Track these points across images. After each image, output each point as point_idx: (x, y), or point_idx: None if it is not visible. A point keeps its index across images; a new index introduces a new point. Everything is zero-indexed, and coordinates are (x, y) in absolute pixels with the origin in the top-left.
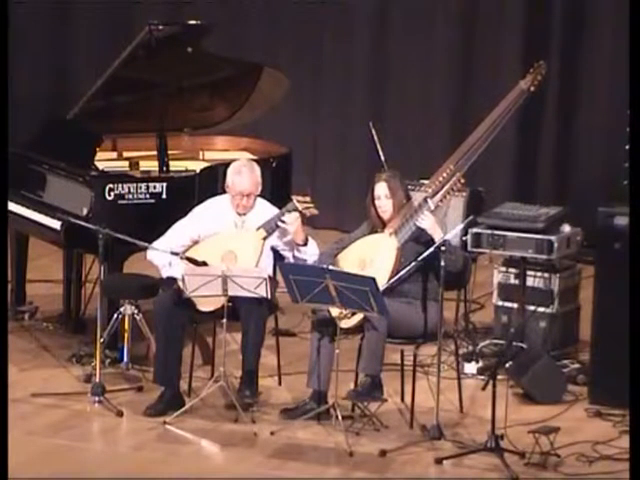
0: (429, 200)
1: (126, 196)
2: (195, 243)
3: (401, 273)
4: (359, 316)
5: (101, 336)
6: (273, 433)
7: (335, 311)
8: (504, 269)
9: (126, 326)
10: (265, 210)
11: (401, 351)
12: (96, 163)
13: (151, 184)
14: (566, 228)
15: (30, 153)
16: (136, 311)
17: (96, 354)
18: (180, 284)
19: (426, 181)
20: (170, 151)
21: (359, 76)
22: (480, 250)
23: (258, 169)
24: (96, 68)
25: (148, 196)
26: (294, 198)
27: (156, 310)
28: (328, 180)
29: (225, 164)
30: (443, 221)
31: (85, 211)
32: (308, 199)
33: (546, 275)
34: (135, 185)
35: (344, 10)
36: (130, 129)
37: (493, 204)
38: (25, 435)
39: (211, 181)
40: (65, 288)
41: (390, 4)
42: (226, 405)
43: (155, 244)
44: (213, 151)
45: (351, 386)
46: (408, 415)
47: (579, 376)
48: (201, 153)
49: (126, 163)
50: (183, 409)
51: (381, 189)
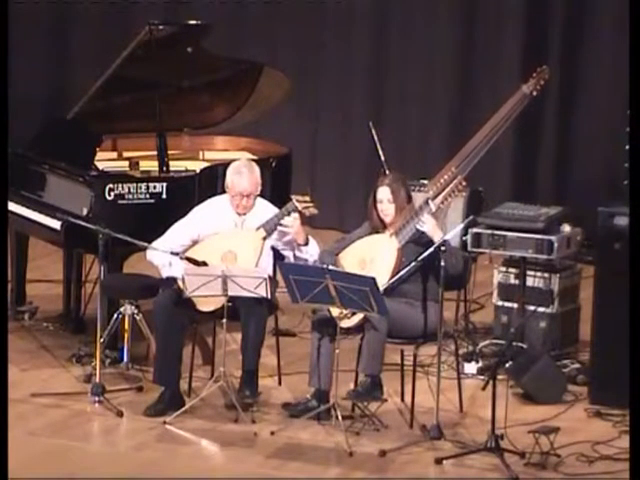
0: (430, 202)
1: (126, 196)
2: (195, 243)
3: (401, 273)
4: (359, 316)
5: (101, 336)
6: (273, 433)
7: (335, 311)
8: (504, 269)
9: (126, 326)
10: (265, 210)
11: (401, 351)
12: (96, 163)
13: (151, 184)
14: (566, 228)
15: (30, 153)
16: (136, 311)
17: (96, 354)
18: (180, 284)
19: (426, 181)
20: (170, 151)
21: (359, 76)
22: (480, 250)
23: (258, 169)
24: (96, 68)
25: (148, 196)
26: (294, 198)
27: (156, 310)
28: (328, 180)
29: (225, 164)
30: (443, 221)
31: (85, 211)
32: (308, 199)
33: (546, 275)
34: (135, 185)
35: (344, 10)
36: (130, 129)
37: (493, 204)
38: (25, 435)
39: (211, 181)
40: (65, 288)
41: (390, 4)
42: (226, 405)
43: (155, 244)
44: (213, 151)
45: (351, 386)
46: (408, 415)
47: (579, 376)
48: (201, 153)
49: (126, 163)
50: (183, 409)
51: (384, 193)
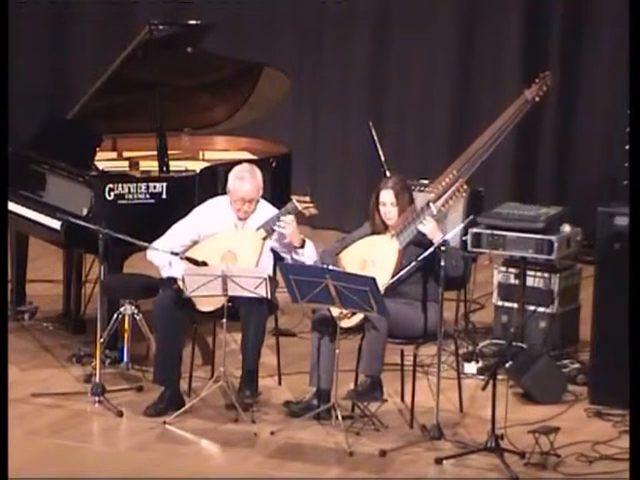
0: (432, 205)
1: (126, 196)
2: (195, 243)
3: (401, 273)
4: (359, 316)
5: (101, 336)
6: (273, 433)
7: (335, 311)
8: (504, 269)
9: (126, 326)
10: (266, 211)
11: (401, 351)
12: (96, 163)
13: (151, 184)
14: (566, 228)
15: (30, 153)
16: (136, 311)
17: (96, 354)
18: (180, 284)
19: (426, 181)
20: (170, 151)
21: (359, 76)
22: (480, 250)
23: (260, 175)
24: (96, 68)
25: (148, 196)
26: (294, 198)
27: (156, 310)
28: (328, 180)
29: (225, 164)
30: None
31: (85, 211)
32: (308, 199)
33: (546, 275)
34: (135, 185)
35: (344, 10)
36: (130, 129)
37: (493, 204)
38: (25, 435)
39: (211, 181)
40: (65, 288)
41: (390, 4)
42: (226, 405)
43: (155, 244)
44: (213, 151)
45: (351, 386)
46: (408, 415)
47: (579, 376)
48: (201, 153)
49: (126, 163)
50: (183, 409)
51: (388, 196)
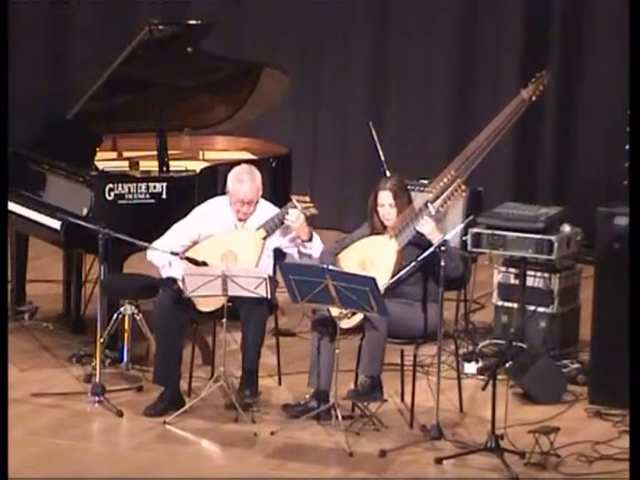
0: (430, 205)
1: (126, 196)
2: (195, 243)
3: (401, 273)
4: (359, 316)
5: (101, 336)
6: (273, 433)
7: (335, 311)
8: (504, 269)
9: (126, 326)
10: (265, 210)
11: (401, 351)
12: (96, 163)
13: (151, 184)
14: (566, 228)
15: (30, 153)
16: (136, 311)
17: (96, 354)
18: (180, 284)
19: (426, 181)
20: (170, 151)
21: (359, 77)
22: (480, 250)
23: (259, 175)
24: (96, 68)
25: (148, 196)
26: (294, 198)
27: (156, 310)
28: (328, 180)
29: (225, 164)
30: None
31: (85, 211)
32: (307, 199)
33: (546, 275)
34: (135, 185)
35: (344, 10)
36: (130, 129)
37: (493, 204)
38: (25, 435)
39: (211, 181)
40: (65, 288)
41: (390, 5)
42: (226, 405)
43: (155, 244)
44: (213, 151)
45: (351, 386)
46: (408, 415)
47: (579, 376)
48: (201, 153)
49: (126, 163)
50: (183, 409)
51: (386, 198)
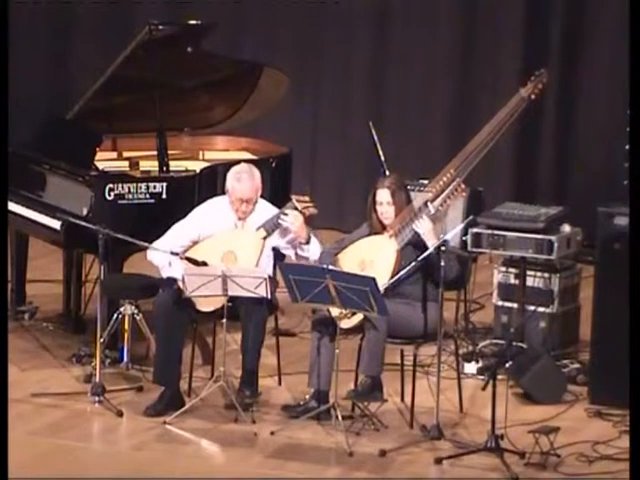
0: (429, 204)
1: (126, 196)
2: (195, 243)
3: (401, 273)
4: (359, 316)
5: (101, 336)
6: (273, 433)
7: (335, 311)
8: (504, 269)
9: (126, 326)
10: (265, 210)
11: (401, 351)
12: (96, 163)
13: (151, 184)
14: (566, 228)
15: (30, 153)
16: (136, 311)
17: (96, 354)
18: (180, 284)
19: (426, 181)
20: (170, 151)
21: (359, 76)
22: (480, 250)
23: (258, 175)
24: (96, 68)
25: (148, 196)
26: (294, 198)
27: (156, 310)
28: (328, 180)
29: (225, 164)
30: (443, 221)
31: (85, 211)
32: (307, 199)
33: (546, 275)
34: (135, 185)
35: (344, 10)
36: (130, 129)
37: (493, 204)
38: (25, 435)
39: (211, 181)
40: (65, 288)
41: (390, 4)
42: (226, 405)
43: (155, 244)
44: (213, 151)
45: (351, 386)
46: (408, 415)
47: (579, 376)
48: (201, 153)
49: (126, 163)
50: (183, 409)
51: (384, 196)
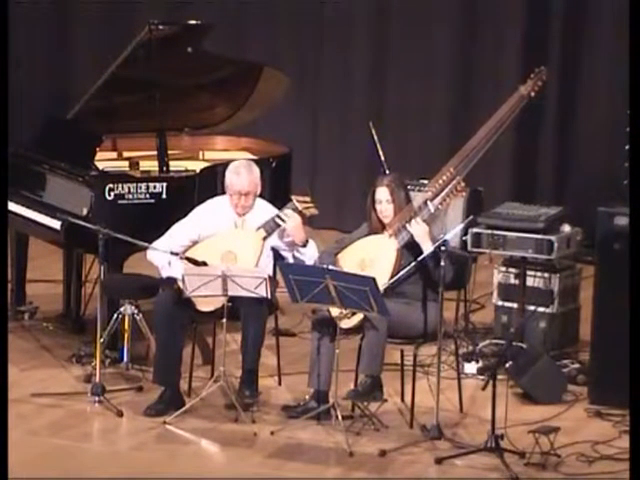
0: (429, 203)
1: (126, 196)
2: (195, 243)
3: (400, 273)
4: (359, 316)
5: (101, 336)
6: (273, 433)
7: (335, 311)
8: (504, 269)
9: (126, 326)
10: (265, 210)
11: (401, 351)
12: (96, 163)
13: (151, 184)
14: (566, 228)
15: (30, 153)
16: (136, 311)
17: (96, 354)
18: (180, 284)
19: (426, 181)
20: (170, 151)
21: (359, 76)
22: (480, 250)
23: (257, 169)
24: (96, 68)
25: (148, 196)
26: (294, 198)
27: (156, 310)
28: (328, 180)
29: (225, 164)
30: (443, 221)
31: (85, 211)
32: (308, 199)
33: (546, 275)
34: (135, 185)
35: (344, 10)
36: (130, 129)
37: (493, 204)
38: (25, 435)
39: (211, 181)
40: (65, 288)
41: (390, 4)
42: (226, 405)
43: (155, 244)
44: (213, 151)
45: (351, 386)
46: (408, 415)
47: (579, 376)
48: (201, 153)
49: (126, 163)
50: (183, 409)
51: (383, 194)
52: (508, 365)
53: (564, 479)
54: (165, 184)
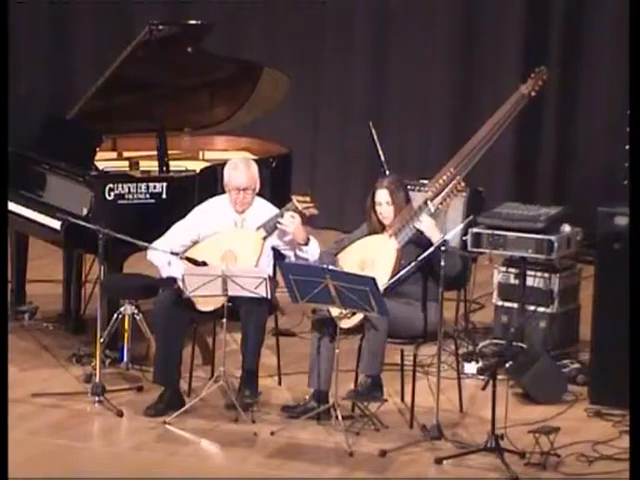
0: (429, 203)
1: (126, 196)
2: (195, 243)
3: (401, 273)
4: (359, 316)
5: (101, 336)
6: (273, 433)
7: (335, 311)
8: (504, 269)
9: (126, 326)
10: (265, 209)
11: (401, 351)
12: (96, 163)
13: (151, 184)
14: (566, 228)
15: (30, 153)
16: (136, 311)
17: (96, 354)
18: (180, 284)
19: (426, 181)
20: (170, 151)
21: (359, 76)
22: (480, 250)
23: (255, 166)
24: (96, 68)
25: (148, 196)
26: (294, 198)
27: (156, 310)
28: (328, 180)
29: (225, 164)
30: (443, 221)
31: (85, 211)
32: (308, 199)
33: (546, 275)
34: (135, 185)
35: (344, 10)
36: (130, 129)
37: (493, 204)
38: (25, 435)
39: (211, 181)
40: (65, 288)
41: (390, 4)
42: (226, 405)
43: (155, 244)
44: (213, 151)
45: (351, 386)
46: (408, 415)
47: (579, 376)
48: (201, 153)
49: (126, 163)
50: (183, 409)
51: (383, 196)
52: (508, 365)
53: (564, 479)
54: (165, 184)
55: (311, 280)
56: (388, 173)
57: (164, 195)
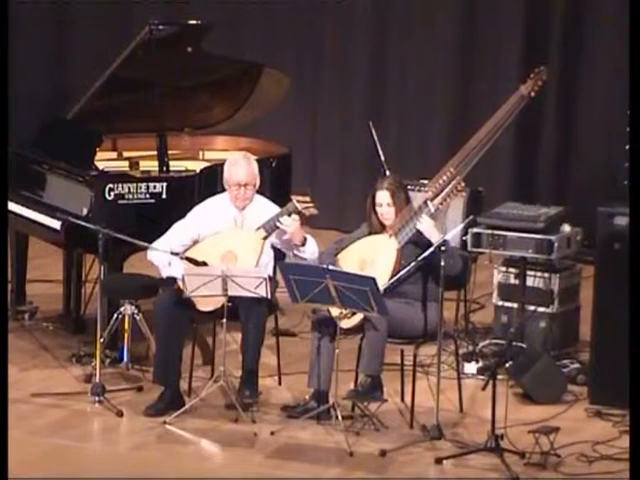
0: (429, 203)
1: (126, 196)
2: (195, 243)
3: (401, 273)
4: (359, 316)
5: (101, 336)
6: (273, 433)
7: (335, 311)
8: (504, 269)
9: (126, 326)
10: (265, 207)
11: (401, 351)
12: (96, 163)
13: (151, 184)
14: (566, 228)
15: (30, 153)
16: (136, 311)
17: (96, 354)
18: (180, 284)
19: (426, 181)
20: (170, 151)
21: (359, 76)
22: (480, 250)
23: (255, 163)
24: (96, 68)
25: (148, 196)
26: (294, 198)
27: (156, 310)
28: (328, 180)
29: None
30: (443, 221)
31: (85, 211)
32: (308, 199)
33: (546, 275)
34: (135, 185)
35: (344, 10)
36: (130, 129)
37: (493, 204)
38: (25, 435)
39: (211, 181)
40: (65, 288)
41: (390, 4)
42: (226, 405)
43: (155, 244)
44: (213, 151)
45: (351, 386)
46: (408, 415)
47: (579, 376)
48: (201, 153)
49: (126, 163)
50: (183, 409)
51: (383, 197)
52: (508, 365)
53: (564, 479)
54: (165, 184)
55: (311, 280)
56: (388, 173)
57: (164, 195)
